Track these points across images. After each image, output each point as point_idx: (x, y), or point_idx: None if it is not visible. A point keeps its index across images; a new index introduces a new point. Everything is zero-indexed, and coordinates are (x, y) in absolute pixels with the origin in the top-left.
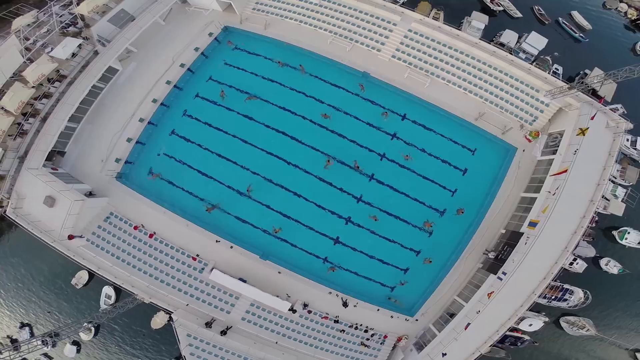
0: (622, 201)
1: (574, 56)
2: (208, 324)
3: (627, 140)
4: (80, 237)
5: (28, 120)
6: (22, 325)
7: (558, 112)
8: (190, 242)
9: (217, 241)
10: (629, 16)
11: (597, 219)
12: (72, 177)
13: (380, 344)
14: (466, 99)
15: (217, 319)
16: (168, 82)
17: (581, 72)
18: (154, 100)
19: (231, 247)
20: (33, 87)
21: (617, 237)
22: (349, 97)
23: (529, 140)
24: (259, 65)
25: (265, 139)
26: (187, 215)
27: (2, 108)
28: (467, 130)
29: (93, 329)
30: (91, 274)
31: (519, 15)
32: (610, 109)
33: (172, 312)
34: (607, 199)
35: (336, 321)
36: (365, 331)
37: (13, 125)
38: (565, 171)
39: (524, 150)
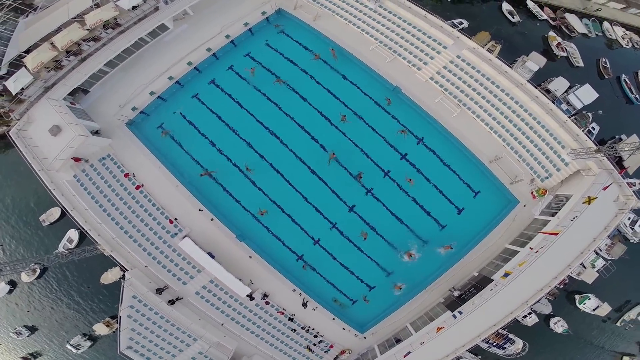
0: (597, 271)
1: (618, 117)
2: (159, 291)
3: (629, 219)
4: (86, 160)
5: (68, 57)
6: None
7: (574, 174)
8: (173, 204)
9: (199, 210)
10: None
11: (567, 281)
12: (85, 114)
13: (325, 352)
14: (489, 138)
15: (170, 288)
16: (208, 49)
17: (616, 137)
18: (189, 63)
19: (211, 219)
20: (88, 29)
21: (577, 301)
22: (372, 107)
23: (534, 197)
24: (296, 54)
25: (279, 124)
26: (180, 176)
27: (52, 43)
28: (477, 171)
29: (38, 271)
30: (62, 214)
31: (581, 64)
32: (628, 183)
33: (127, 270)
34: (584, 266)
35: (290, 319)
36: (315, 336)
37: (53, 59)
38: (557, 234)
39: (525, 205)
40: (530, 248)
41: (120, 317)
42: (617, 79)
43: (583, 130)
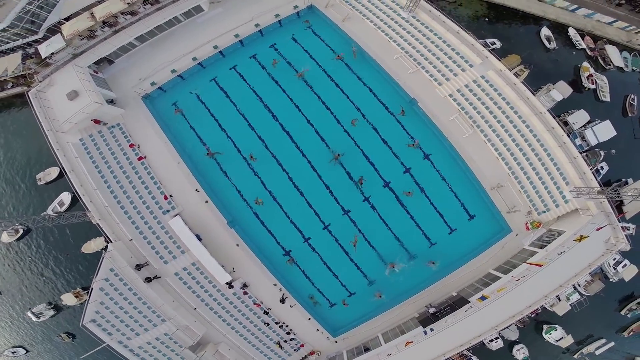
0: (570, 304)
1: (630, 159)
2: (138, 267)
3: (614, 259)
4: (104, 124)
5: (103, 27)
6: None
7: (571, 211)
8: (172, 180)
9: (196, 190)
10: None
11: (539, 311)
12: (105, 83)
13: (294, 350)
14: (495, 164)
15: (150, 265)
16: (236, 35)
17: (623, 179)
18: (215, 47)
19: (206, 201)
20: (128, 3)
21: (543, 330)
22: (385, 115)
23: (527, 228)
24: (320, 52)
25: (290, 118)
26: (183, 154)
27: (91, 13)
28: (477, 196)
29: (21, 232)
30: (59, 176)
31: (607, 99)
32: (622, 227)
33: (111, 242)
34: (559, 299)
35: (266, 312)
36: (288, 333)
37: (88, 29)
38: (541, 266)
39: (516, 235)
40: (512, 276)
41: (92, 289)
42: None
43: (591, 169)
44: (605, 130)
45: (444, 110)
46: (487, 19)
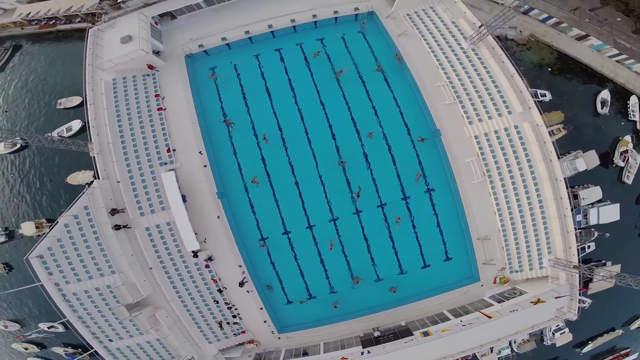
0: (498, 358)
1: (620, 245)
2: (113, 211)
3: (557, 325)
4: (156, 70)
5: None
6: None
7: (542, 277)
8: (180, 137)
9: (199, 152)
10: None
11: (470, 358)
12: (159, 35)
13: (234, 334)
14: (490, 218)
15: (125, 213)
16: (292, 20)
17: (602, 261)
18: (270, 26)
19: (205, 165)
20: None
21: None
22: (404, 138)
23: (495, 282)
24: (363, 59)
25: (312, 113)
26: (200, 116)
27: None
28: (461, 241)
29: (18, 146)
30: (79, 105)
31: (629, 182)
32: (580, 299)
33: (98, 179)
34: (491, 350)
35: (220, 290)
36: (234, 316)
37: None
38: (491, 317)
39: (482, 285)
40: (461, 321)
41: (57, 222)
42: None
43: (579, 246)
44: (610, 214)
45: (463, 151)
46: (550, 69)
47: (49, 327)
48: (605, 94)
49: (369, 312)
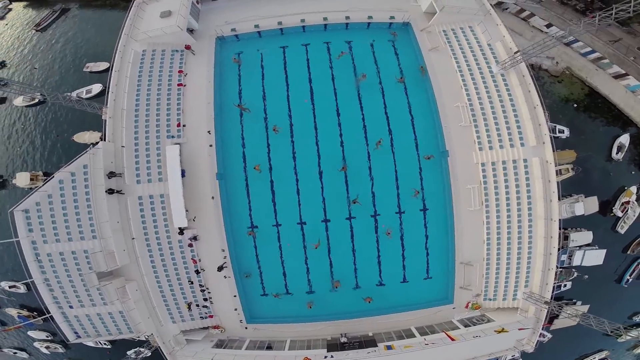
0: None
1: (595, 289)
2: (111, 174)
3: (513, 356)
4: (192, 52)
5: None
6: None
7: (512, 307)
8: (193, 114)
9: (208, 132)
10: None
11: None
12: (197, 14)
13: (201, 317)
14: (478, 246)
15: (122, 178)
16: (325, 18)
17: (574, 300)
18: (303, 20)
19: (210, 145)
20: None
21: None
22: (411, 153)
23: (466, 307)
24: (388, 67)
25: (326, 114)
26: (217, 97)
27: None
28: (445, 263)
29: (36, 100)
30: (104, 71)
31: (621, 232)
32: (541, 333)
33: (104, 141)
34: None
35: (197, 272)
36: (205, 299)
37: None
38: (454, 340)
39: (454, 308)
40: (425, 339)
41: (52, 177)
42: (636, 258)
43: (556, 284)
44: (594, 258)
45: (466, 176)
46: (575, 105)
47: (10, 287)
48: (624, 139)
49: (340, 317)
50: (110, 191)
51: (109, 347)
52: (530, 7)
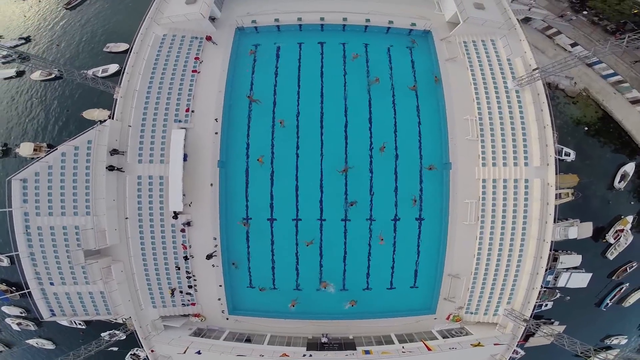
0: None
1: (574, 308)
2: (114, 152)
3: None
4: (214, 43)
5: None
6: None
7: (491, 323)
8: (203, 101)
9: (215, 119)
10: None
11: None
12: (220, 3)
13: (182, 304)
14: (467, 260)
15: (125, 155)
16: (344, 19)
17: (552, 320)
18: (322, 18)
19: (216, 133)
20: None
21: None
22: (413, 161)
23: (447, 318)
24: (402, 74)
25: (333, 114)
26: (229, 86)
27: None
28: (433, 274)
29: (53, 75)
30: (123, 52)
31: (610, 258)
32: (515, 350)
33: (111, 119)
34: None
35: (186, 258)
36: (190, 286)
37: None
38: (430, 350)
39: (435, 318)
40: (403, 347)
41: (56, 149)
42: (619, 283)
43: (538, 303)
44: (579, 281)
45: (466, 190)
46: (586, 128)
47: None
48: (629, 168)
49: (324, 317)
50: (111, 168)
51: (83, 327)
52: (558, 25)
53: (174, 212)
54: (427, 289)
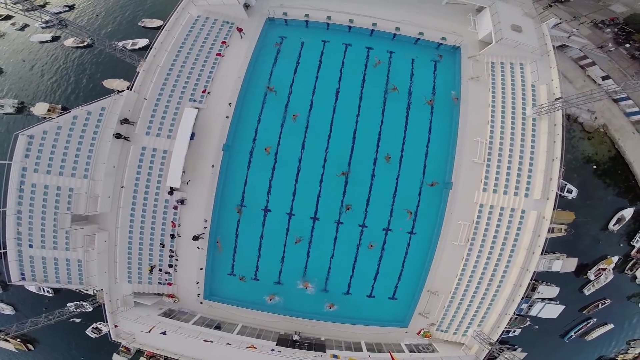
0: None
1: (539, 337)
2: (124, 121)
3: None
4: (243, 34)
5: None
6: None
7: (458, 342)
8: (220, 84)
9: (229, 104)
10: None
11: None
12: None
13: (159, 282)
14: (449, 279)
15: (135, 126)
16: (374, 24)
17: (516, 347)
18: (351, 20)
19: (227, 117)
20: None
21: None
22: (416, 175)
23: (418, 333)
24: (422, 86)
25: (345, 116)
26: (249, 74)
27: None
28: (413, 287)
29: (85, 44)
30: (156, 28)
31: (587, 293)
32: None
33: (129, 90)
34: None
35: (172, 236)
36: (170, 265)
37: None
38: None
39: (406, 332)
40: (369, 356)
41: (69, 111)
42: (587, 318)
43: (506, 329)
44: (551, 311)
45: (462, 212)
46: (595, 167)
47: None
48: (627, 213)
49: (300, 315)
50: (118, 135)
51: (50, 295)
52: (595, 55)
53: (170, 188)
54: (404, 301)
